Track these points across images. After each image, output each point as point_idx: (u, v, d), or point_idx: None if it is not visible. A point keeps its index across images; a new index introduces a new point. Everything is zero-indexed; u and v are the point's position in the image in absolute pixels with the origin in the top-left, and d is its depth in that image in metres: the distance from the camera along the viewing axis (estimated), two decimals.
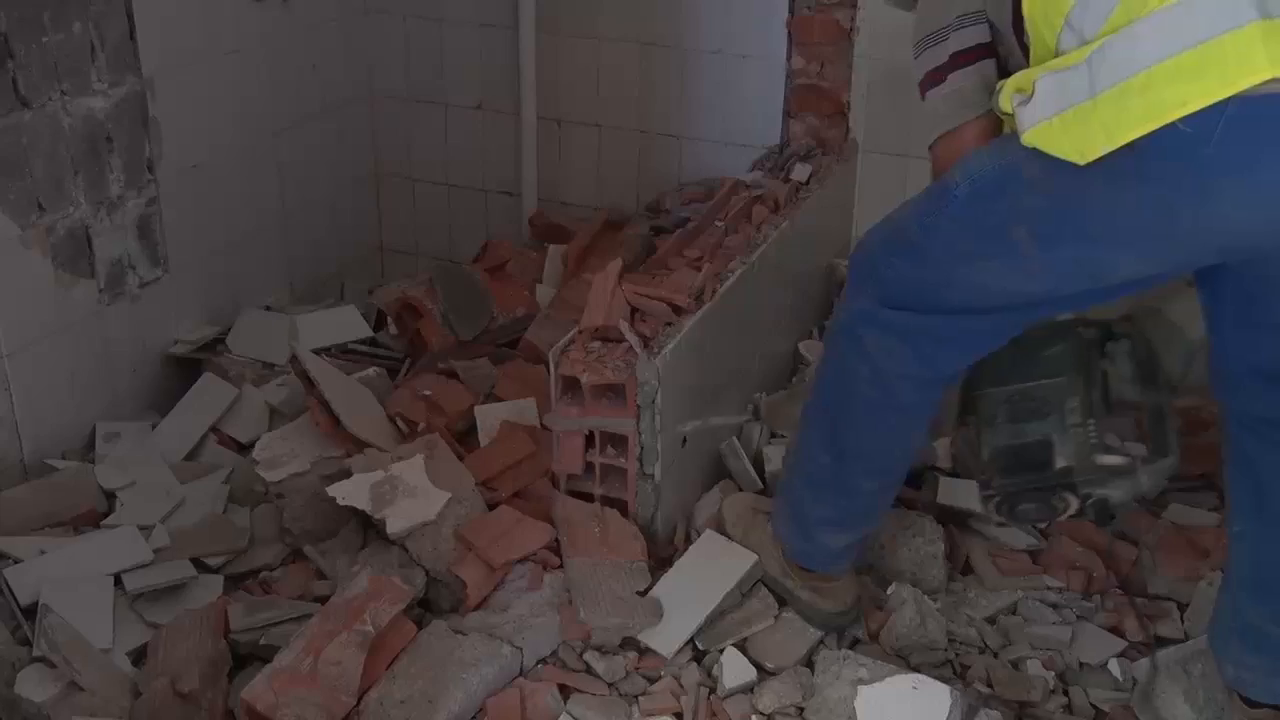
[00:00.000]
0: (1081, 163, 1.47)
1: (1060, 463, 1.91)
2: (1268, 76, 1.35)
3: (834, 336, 1.92)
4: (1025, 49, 1.65)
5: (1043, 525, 1.99)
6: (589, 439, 2.19)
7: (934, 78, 1.81)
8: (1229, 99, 1.37)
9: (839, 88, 2.90)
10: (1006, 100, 1.57)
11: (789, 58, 2.94)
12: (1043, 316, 1.86)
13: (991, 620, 2.19)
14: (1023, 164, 1.57)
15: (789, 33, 2.91)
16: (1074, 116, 1.46)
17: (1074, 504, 1.92)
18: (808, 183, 2.79)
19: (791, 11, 2.90)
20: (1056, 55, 1.52)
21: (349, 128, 3.29)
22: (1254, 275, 1.66)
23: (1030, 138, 1.51)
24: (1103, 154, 1.44)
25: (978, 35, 1.79)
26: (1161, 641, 2.12)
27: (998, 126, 1.76)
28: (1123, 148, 1.44)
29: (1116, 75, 1.42)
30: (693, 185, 3.09)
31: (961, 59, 1.79)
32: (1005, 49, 1.77)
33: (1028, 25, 1.59)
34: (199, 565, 2.21)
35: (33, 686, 1.92)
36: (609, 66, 3.11)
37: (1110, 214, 1.55)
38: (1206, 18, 1.38)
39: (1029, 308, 1.79)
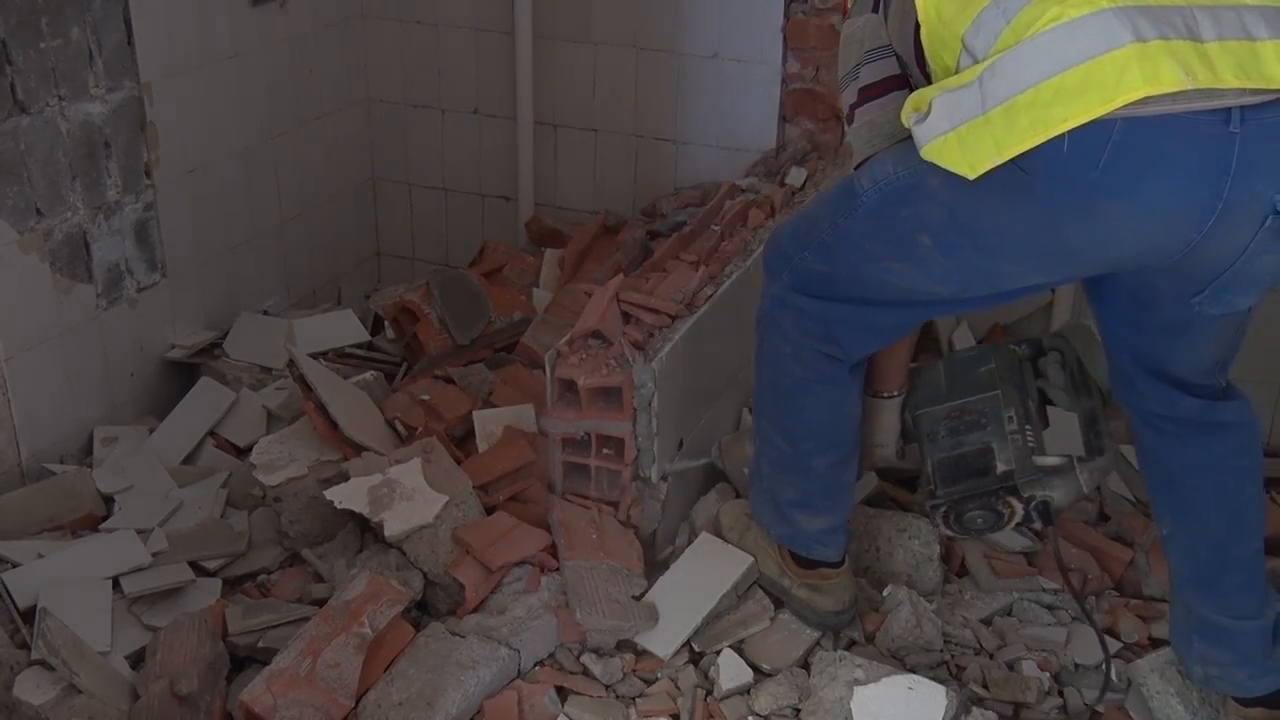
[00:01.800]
0: (972, 176, 1.53)
1: (1001, 467, 1.95)
2: (1143, 94, 1.43)
3: (759, 324, 2.00)
4: (929, 78, 1.70)
5: (990, 534, 2.02)
6: (585, 441, 2.20)
7: (850, 114, 1.90)
8: (1115, 123, 1.45)
9: (834, 92, 2.90)
10: (905, 117, 1.63)
11: (784, 62, 2.94)
12: (947, 312, 1.89)
13: (987, 621, 2.20)
14: (925, 176, 1.63)
15: (784, 37, 2.92)
16: (968, 131, 1.52)
17: (1019, 509, 1.95)
18: (803, 187, 2.80)
19: (787, 16, 2.91)
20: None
21: (346, 132, 3.30)
22: (1140, 284, 1.75)
23: (927, 152, 1.57)
24: (991, 168, 1.51)
25: (886, 68, 1.86)
26: (1155, 643, 2.14)
27: None
28: (1013, 168, 1.50)
29: (1005, 92, 1.49)
30: (688, 189, 3.09)
31: (870, 92, 1.87)
32: (914, 80, 1.82)
33: (927, 52, 1.65)
34: (197, 568, 2.21)
35: (31, 689, 1.91)
36: (605, 71, 3.12)
37: (1003, 230, 1.64)
38: (1087, 40, 1.45)
39: (933, 305, 1.88)
